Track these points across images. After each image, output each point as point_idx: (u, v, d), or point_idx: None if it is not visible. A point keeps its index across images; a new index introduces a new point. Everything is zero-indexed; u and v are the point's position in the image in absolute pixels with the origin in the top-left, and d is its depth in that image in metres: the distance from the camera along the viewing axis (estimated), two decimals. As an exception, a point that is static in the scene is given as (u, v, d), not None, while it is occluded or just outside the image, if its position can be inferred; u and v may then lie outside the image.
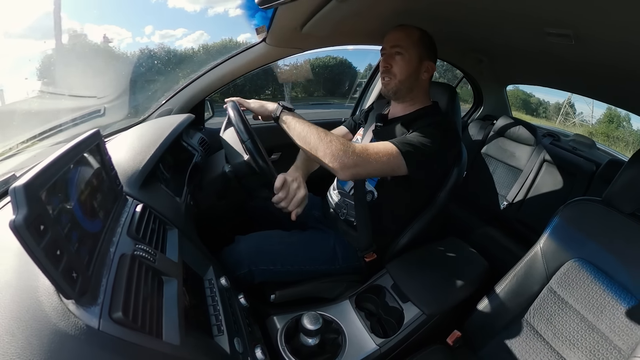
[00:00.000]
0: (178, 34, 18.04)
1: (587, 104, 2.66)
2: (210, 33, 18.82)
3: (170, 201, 0.98)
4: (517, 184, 2.06)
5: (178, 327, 0.56)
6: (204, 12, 22.81)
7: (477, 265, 1.22)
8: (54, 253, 0.42)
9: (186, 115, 1.34)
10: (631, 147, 9.80)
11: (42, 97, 1.63)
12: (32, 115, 1.48)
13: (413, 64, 1.19)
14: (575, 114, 12.02)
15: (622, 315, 0.84)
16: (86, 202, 0.55)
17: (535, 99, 8.08)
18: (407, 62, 1.18)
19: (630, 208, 0.93)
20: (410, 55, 1.18)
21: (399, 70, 1.18)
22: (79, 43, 6.33)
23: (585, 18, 0.91)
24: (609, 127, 11.08)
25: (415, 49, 1.18)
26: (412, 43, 1.18)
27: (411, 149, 1.02)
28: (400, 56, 1.18)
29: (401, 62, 1.18)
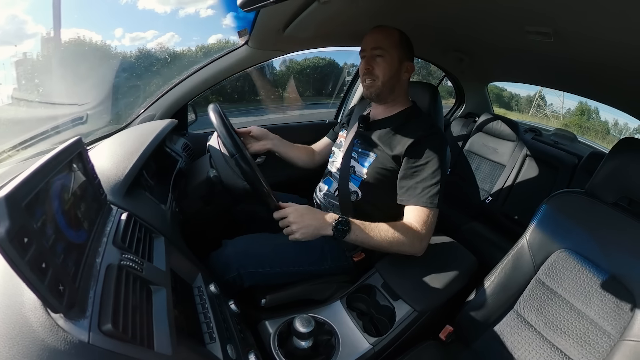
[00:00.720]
0: (149, 36, 17.70)
1: (558, 96, 2.77)
2: (181, 35, 18.61)
3: (155, 209, 0.96)
4: (500, 179, 2.10)
5: (169, 337, 0.55)
6: (174, 13, 22.44)
7: (466, 261, 1.24)
8: (39, 266, 0.40)
9: (169, 120, 1.32)
10: (600, 135, 10.62)
11: (18, 104, 1.58)
12: (11, 124, 1.43)
13: (394, 65, 1.20)
14: (546, 106, 12.67)
15: (609, 301, 0.88)
16: (70, 213, 0.54)
17: (508, 92, 8.34)
18: (389, 64, 1.19)
19: (612, 198, 0.97)
20: (391, 56, 1.19)
21: (381, 72, 1.19)
22: (53, 47, 6.14)
23: (564, 16, 0.94)
24: (581, 119, 12.06)
25: (396, 50, 1.19)
26: (392, 44, 1.19)
27: (435, 196, 1.10)
28: (381, 58, 1.19)
29: (383, 63, 1.19)
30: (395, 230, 1.06)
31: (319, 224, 1.04)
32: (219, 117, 1.08)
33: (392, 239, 1.06)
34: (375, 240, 1.05)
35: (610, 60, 1.14)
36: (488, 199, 2.10)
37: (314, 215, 1.05)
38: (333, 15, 1.24)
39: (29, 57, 2.16)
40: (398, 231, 1.06)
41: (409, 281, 1.12)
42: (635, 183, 0.93)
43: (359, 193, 1.25)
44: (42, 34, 5.40)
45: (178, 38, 18.12)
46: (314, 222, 1.03)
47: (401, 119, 1.25)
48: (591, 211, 0.99)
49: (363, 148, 1.27)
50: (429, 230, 1.10)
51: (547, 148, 2.05)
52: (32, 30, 11.86)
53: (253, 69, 1.60)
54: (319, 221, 1.04)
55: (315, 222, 1.03)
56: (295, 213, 1.03)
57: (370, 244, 1.06)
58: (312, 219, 1.04)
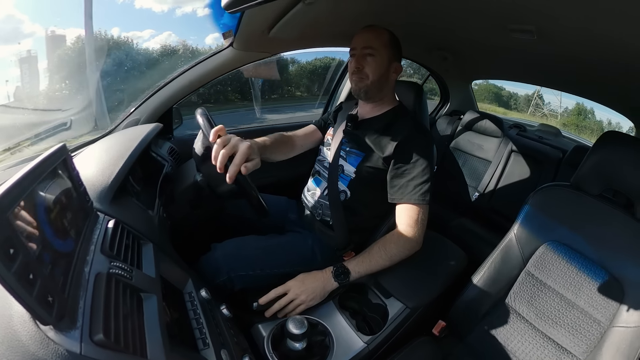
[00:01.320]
0: (145, 36, 17.40)
1: (555, 95, 2.82)
2: (179, 34, 18.32)
3: (142, 215, 0.95)
4: (487, 175, 2.14)
5: (162, 345, 0.54)
6: (171, 12, 22.15)
7: (455, 256, 1.25)
8: (26, 277, 0.39)
9: (154, 124, 1.29)
10: (595, 134, 11.35)
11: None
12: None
13: (384, 65, 1.21)
14: (544, 105, 13.03)
15: (598, 290, 0.90)
16: (56, 221, 0.53)
17: (506, 92, 8.56)
18: (379, 63, 1.20)
19: (597, 190, 1.00)
20: (381, 56, 1.20)
21: (370, 71, 1.20)
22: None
23: (546, 14, 0.96)
24: (578, 119, 12.77)
25: (386, 50, 1.21)
26: (383, 44, 1.20)
27: (426, 193, 1.13)
28: (372, 57, 1.20)
29: (373, 63, 1.20)
30: (390, 245, 1.11)
31: (322, 283, 1.06)
32: (206, 121, 1.07)
33: (390, 255, 1.10)
34: (376, 265, 1.10)
35: (593, 56, 1.17)
36: (475, 195, 2.14)
37: (313, 276, 1.08)
38: (318, 16, 1.24)
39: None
40: (393, 244, 1.11)
41: (400, 278, 1.13)
42: (619, 175, 0.95)
43: (348, 192, 1.25)
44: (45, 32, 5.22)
45: (175, 37, 17.85)
46: (316, 283, 1.06)
47: (388, 119, 1.26)
48: (577, 203, 1.01)
49: (351, 147, 1.28)
50: (423, 227, 1.13)
51: (532, 143, 2.09)
52: (30, 29, 11.58)
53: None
54: (319, 280, 1.07)
55: (317, 283, 1.06)
56: (296, 285, 1.05)
57: (373, 270, 1.10)
58: (313, 281, 1.06)
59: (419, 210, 1.12)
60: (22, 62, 8.14)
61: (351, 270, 1.08)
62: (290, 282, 1.06)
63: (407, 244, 1.11)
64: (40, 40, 10.80)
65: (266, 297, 1.04)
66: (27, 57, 8.17)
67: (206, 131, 1.01)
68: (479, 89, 8.98)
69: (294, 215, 1.45)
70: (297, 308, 1.03)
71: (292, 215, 1.45)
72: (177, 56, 8.17)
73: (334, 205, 1.25)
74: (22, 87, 7.70)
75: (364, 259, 1.10)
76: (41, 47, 8.53)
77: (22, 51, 6.75)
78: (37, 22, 11.11)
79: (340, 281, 1.06)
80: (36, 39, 12.43)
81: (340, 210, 1.24)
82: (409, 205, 1.13)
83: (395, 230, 1.14)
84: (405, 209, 1.14)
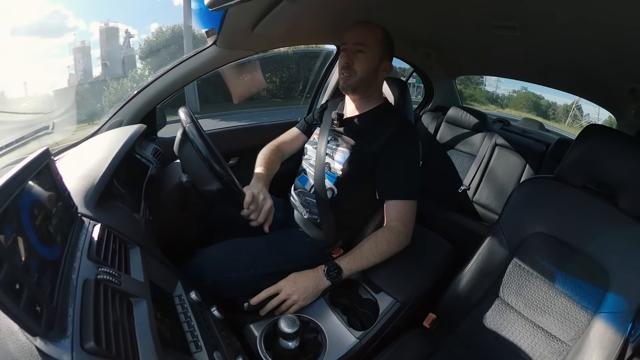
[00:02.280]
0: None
1: (594, 106, 2.81)
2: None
3: (128, 218, 0.93)
4: (472, 169, 2.17)
5: (155, 350, 0.54)
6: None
7: (443, 249, 1.28)
8: (12, 288, 0.38)
9: (137, 125, 1.27)
10: None
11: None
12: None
13: (374, 63, 1.22)
14: (582, 116, 13.09)
15: (584, 278, 0.93)
16: (41, 228, 0.51)
17: (545, 101, 8.65)
18: (369, 61, 1.20)
19: (581, 181, 1.02)
20: (372, 53, 1.20)
21: (360, 67, 1.21)
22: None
23: (529, 10, 0.98)
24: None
25: (378, 48, 1.21)
26: (375, 42, 1.21)
27: (415, 188, 1.17)
28: (362, 54, 1.20)
29: (363, 59, 1.20)
30: (380, 241, 1.12)
31: (314, 282, 1.07)
32: (189, 119, 1.06)
33: (381, 252, 1.11)
34: (367, 262, 1.11)
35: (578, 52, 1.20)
36: (461, 189, 2.17)
37: (305, 276, 1.08)
38: (302, 13, 1.24)
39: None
40: (384, 240, 1.12)
41: (389, 273, 1.14)
42: (602, 166, 0.98)
43: (335, 190, 1.25)
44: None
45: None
46: (308, 282, 1.06)
47: (375, 116, 1.27)
48: (561, 195, 1.04)
49: (337, 144, 1.28)
50: (412, 222, 1.16)
51: (515, 137, 2.13)
52: (73, 24, 12.15)
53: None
54: (312, 279, 1.07)
55: (309, 282, 1.06)
56: (288, 284, 1.05)
57: (365, 267, 1.11)
58: (305, 280, 1.06)
59: (407, 206, 1.14)
60: (76, 52, 8.53)
61: (343, 268, 1.08)
62: (282, 282, 1.05)
63: (397, 239, 1.12)
64: (83, 33, 11.40)
65: (257, 297, 1.04)
66: (81, 47, 8.64)
67: (185, 124, 1.02)
68: (517, 97, 9.02)
69: (280, 213, 1.45)
70: (290, 308, 1.03)
71: (279, 214, 1.45)
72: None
73: (321, 203, 1.25)
74: (76, 75, 7.98)
75: (355, 257, 1.10)
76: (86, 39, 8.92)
77: (76, 41, 7.48)
78: (80, 17, 11.31)
79: (332, 279, 1.07)
80: (79, 33, 12.99)
81: (327, 207, 1.24)
82: (397, 202, 1.15)
83: (384, 226, 1.15)
84: (394, 205, 1.15)
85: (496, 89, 9.03)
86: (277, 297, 1.03)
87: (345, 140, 1.26)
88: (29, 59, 6.09)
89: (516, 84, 9.60)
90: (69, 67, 7.15)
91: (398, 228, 1.13)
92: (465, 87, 9.83)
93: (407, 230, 1.14)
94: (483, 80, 9.31)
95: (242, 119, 5.97)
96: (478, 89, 9.21)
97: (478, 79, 9.53)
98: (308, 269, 1.11)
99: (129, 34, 9.43)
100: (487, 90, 9.17)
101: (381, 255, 1.11)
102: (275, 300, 1.03)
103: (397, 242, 1.13)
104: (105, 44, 8.98)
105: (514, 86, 8.74)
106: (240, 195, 1.06)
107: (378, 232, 1.14)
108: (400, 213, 1.14)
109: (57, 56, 10.74)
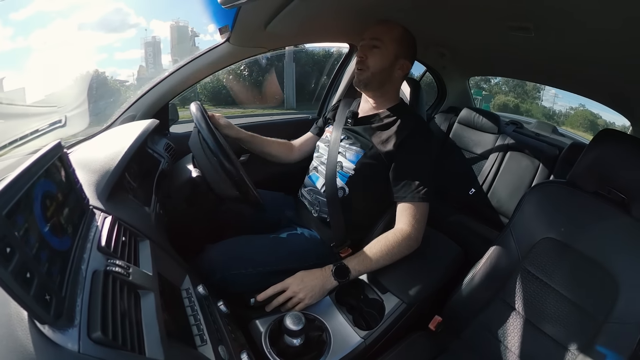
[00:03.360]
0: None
1: None
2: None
3: (139, 211, 0.95)
4: (483, 171, 2.14)
5: (160, 341, 0.55)
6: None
7: (452, 252, 1.27)
8: (23, 276, 0.39)
9: (150, 120, 1.29)
10: None
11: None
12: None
13: (388, 59, 1.21)
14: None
15: (593, 286, 0.91)
16: (53, 219, 0.52)
17: (602, 120, 8.49)
18: (382, 56, 1.20)
19: (593, 187, 1.00)
20: (387, 50, 1.20)
21: (372, 62, 1.20)
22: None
23: (545, 10, 0.96)
24: None
25: (393, 45, 1.20)
26: (392, 39, 1.20)
27: (429, 191, 1.15)
28: (377, 49, 1.20)
29: (377, 55, 1.20)
30: (390, 243, 1.11)
31: (322, 280, 1.07)
32: (201, 115, 1.08)
33: (391, 254, 1.11)
34: (376, 264, 1.11)
35: (593, 53, 1.17)
36: (472, 191, 2.14)
37: (313, 274, 1.08)
38: (315, 11, 1.24)
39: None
40: (394, 243, 1.11)
41: (397, 274, 1.13)
42: (615, 172, 0.96)
43: (346, 189, 1.25)
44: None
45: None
46: (315, 281, 1.07)
47: (390, 116, 1.26)
48: (573, 200, 1.02)
49: (351, 143, 1.28)
50: (423, 225, 1.16)
51: (528, 140, 2.10)
52: (134, 20, 13.49)
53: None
54: (319, 278, 1.07)
55: (317, 281, 1.07)
56: (295, 282, 1.05)
57: (373, 268, 1.11)
58: (312, 279, 1.07)
59: (420, 208, 1.14)
60: (147, 46, 9.20)
61: (351, 268, 1.08)
62: (289, 280, 1.06)
63: (407, 243, 1.12)
64: (143, 30, 12.51)
65: (264, 293, 1.05)
66: (152, 41, 9.26)
67: (199, 125, 1.05)
68: (574, 114, 8.65)
69: (290, 211, 1.45)
70: (297, 306, 1.04)
71: (288, 212, 1.45)
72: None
73: (332, 202, 1.25)
74: (146, 67, 8.30)
75: (364, 258, 1.10)
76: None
77: (147, 36, 7.97)
78: (140, 15, 11.90)
79: (339, 279, 1.07)
80: (139, 29, 13.95)
81: (338, 207, 1.24)
82: (410, 204, 1.14)
83: (395, 228, 1.15)
84: (406, 207, 1.15)
85: (553, 104, 8.78)
86: (284, 294, 1.04)
87: (359, 140, 1.26)
88: (92, 51, 6.66)
89: (574, 100, 9.13)
90: (141, 59, 7.71)
91: (409, 231, 1.12)
92: (522, 101, 9.69)
93: (417, 234, 1.14)
94: (540, 95, 8.99)
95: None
96: (535, 104, 9.12)
97: (535, 94, 9.25)
98: (316, 268, 1.12)
99: (194, 33, 9.84)
100: (543, 106, 8.99)
101: (390, 258, 1.11)
102: (281, 297, 1.04)
103: (407, 245, 1.12)
104: (176, 41, 9.52)
105: (572, 102, 8.43)
106: (256, 199, 1.11)
107: (389, 234, 1.14)
108: (412, 216, 1.14)
109: (120, 49, 11.64)
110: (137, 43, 10.98)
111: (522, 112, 9.16)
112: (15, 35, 5.52)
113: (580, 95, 1.87)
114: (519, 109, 9.37)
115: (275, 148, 1.51)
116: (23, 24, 5.75)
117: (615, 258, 0.91)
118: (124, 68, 9.06)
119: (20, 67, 2.51)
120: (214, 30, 1.30)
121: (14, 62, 2.97)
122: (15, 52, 3.50)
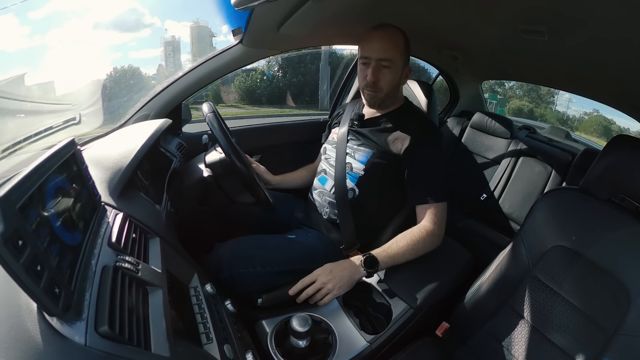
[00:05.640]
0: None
1: None
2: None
3: (150, 209, 0.96)
4: (495, 177, 2.10)
5: (166, 338, 0.55)
6: None
7: (461, 257, 1.25)
8: (34, 269, 0.40)
9: (163, 120, 1.31)
10: None
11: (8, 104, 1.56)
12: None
13: (399, 75, 1.22)
14: None
15: (604, 296, 0.88)
16: (65, 215, 0.53)
17: (616, 126, 8.38)
18: (393, 75, 1.21)
19: (606, 194, 0.97)
20: (397, 67, 1.20)
21: (385, 84, 1.21)
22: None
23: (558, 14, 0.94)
24: None
25: (401, 59, 1.21)
26: (400, 54, 1.20)
27: (445, 191, 1.19)
28: (388, 70, 1.19)
29: (389, 75, 1.20)
30: (415, 239, 1.13)
31: (350, 271, 1.07)
32: (214, 117, 1.09)
33: (416, 250, 1.12)
34: (402, 258, 1.12)
35: (607, 58, 1.14)
36: (483, 196, 2.11)
37: (341, 265, 1.09)
38: (327, 14, 1.24)
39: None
40: (420, 239, 1.13)
41: (405, 278, 1.13)
42: (628, 180, 0.93)
43: (356, 190, 1.25)
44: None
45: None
46: (344, 271, 1.07)
47: (397, 117, 1.26)
48: (585, 208, 0.99)
49: (359, 144, 1.27)
50: (443, 224, 1.18)
51: (541, 145, 2.06)
52: (149, 20, 14.26)
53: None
54: (348, 269, 1.07)
55: (346, 272, 1.07)
56: (323, 273, 1.06)
57: (399, 262, 1.11)
58: (341, 270, 1.07)
59: (439, 208, 1.16)
60: (167, 45, 9.56)
61: (380, 260, 1.08)
62: (317, 271, 1.07)
63: (431, 240, 1.14)
64: (159, 30, 12.90)
65: (294, 288, 1.06)
66: (172, 40, 9.66)
67: (219, 136, 1.07)
68: (588, 120, 8.63)
69: (300, 213, 1.46)
70: (325, 297, 1.04)
71: (298, 214, 1.45)
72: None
73: (342, 203, 1.25)
74: (165, 66, 8.62)
75: (391, 250, 1.11)
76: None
77: (167, 36, 8.30)
78: (155, 15, 13.33)
79: (369, 270, 1.07)
80: (154, 29, 15.29)
81: (347, 208, 1.24)
82: (431, 205, 1.16)
83: (419, 225, 1.16)
84: (427, 208, 1.16)
85: (567, 109, 8.71)
86: (313, 285, 1.04)
87: (367, 140, 1.26)
88: (107, 50, 7.11)
89: (588, 105, 9.16)
90: (160, 57, 8.11)
91: (432, 228, 1.14)
92: (536, 105, 9.67)
93: (440, 232, 1.16)
94: (554, 100, 8.91)
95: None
96: (549, 109, 9.10)
97: (549, 98, 9.22)
98: (343, 259, 1.12)
99: (211, 33, 10.11)
100: (557, 111, 8.97)
101: (415, 253, 1.12)
102: (310, 288, 1.04)
103: (431, 242, 1.14)
104: (196, 41, 9.81)
105: (586, 107, 8.36)
106: (266, 199, 1.14)
107: (413, 229, 1.15)
108: (434, 215, 1.15)
109: (134, 48, 12.02)
110: (152, 42, 11.31)
111: (537, 117, 9.03)
112: (33, 33, 5.76)
113: (595, 100, 1.84)
114: (534, 114, 9.27)
115: (304, 179, 1.58)
116: (41, 23, 5.98)
117: (627, 268, 0.88)
118: (139, 66, 9.35)
119: (37, 64, 2.61)
120: (228, 31, 1.31)
121: (32, 59, 3.10)
122: (33, 50, 3.68)
